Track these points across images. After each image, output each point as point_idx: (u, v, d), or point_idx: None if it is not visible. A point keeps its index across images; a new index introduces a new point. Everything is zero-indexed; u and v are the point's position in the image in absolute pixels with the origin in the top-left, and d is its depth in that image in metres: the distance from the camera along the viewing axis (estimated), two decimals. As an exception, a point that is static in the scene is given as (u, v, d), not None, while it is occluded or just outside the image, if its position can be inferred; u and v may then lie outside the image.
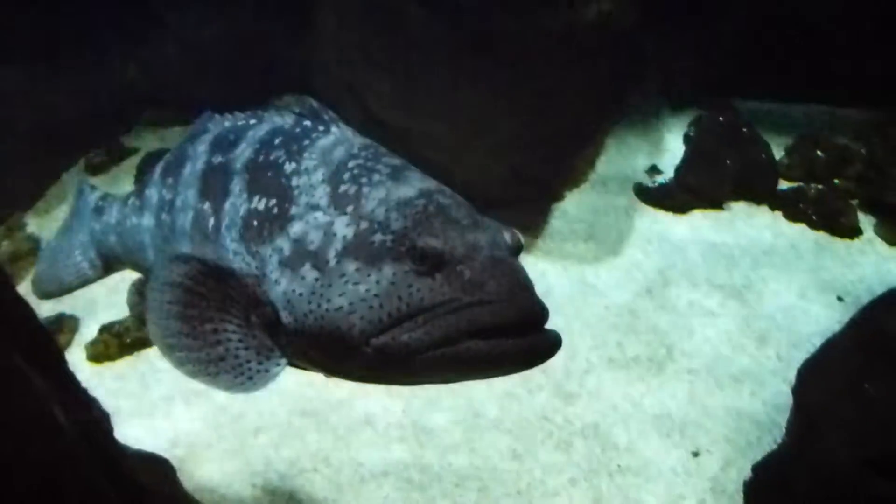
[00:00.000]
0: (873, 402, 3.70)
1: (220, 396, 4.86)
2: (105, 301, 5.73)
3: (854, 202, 6.18)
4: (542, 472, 4.42)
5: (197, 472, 4.37)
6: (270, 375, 2.11)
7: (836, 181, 6.39)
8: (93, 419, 2.32)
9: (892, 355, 3.76)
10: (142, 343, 5.31)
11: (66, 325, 5.53)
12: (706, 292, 5.57)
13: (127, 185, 6.97)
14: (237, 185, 2.32)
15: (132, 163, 7.28)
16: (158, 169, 2.81)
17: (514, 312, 1.88)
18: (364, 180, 2.10)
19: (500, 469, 4.43)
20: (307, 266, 2.03)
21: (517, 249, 2.03)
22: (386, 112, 5.95)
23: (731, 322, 5.30)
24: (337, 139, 2.28)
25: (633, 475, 4.39)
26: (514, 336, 1.87)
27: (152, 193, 2.76)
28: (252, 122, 2.53)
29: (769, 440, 4.48)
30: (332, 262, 2.00)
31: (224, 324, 2.11)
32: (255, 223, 2.21)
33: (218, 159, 2.46)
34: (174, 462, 4.27)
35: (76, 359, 5.26)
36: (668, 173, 6.77)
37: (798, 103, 7.22)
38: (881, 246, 5.87)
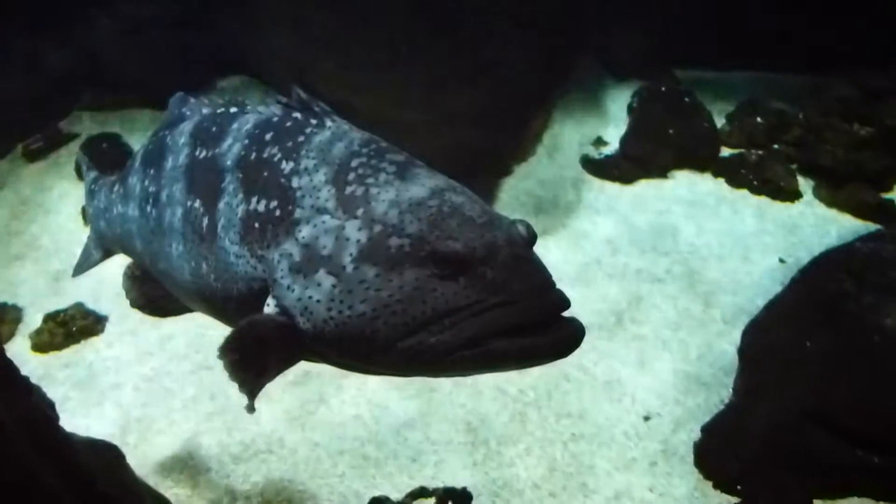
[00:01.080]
0: (813, 357, 3.82)
1: (169, 382, 4.81)
2: (48, 289, 5.62)
3: (793, 166, 6.32)
4: (498, 443, 4.46)
5: (150, 458, 4.31)
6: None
7: (775, 146, 6.52)
8: (34, 407, 2.26)
9: (831, 312, 3.89)
10: (88, 331, 5.21)
11: (9, 314, 5.40)
12: (653, 259, 5.65)
13: (67, 171, 6.80)
14: (230, 184, 2.26)
15: (72, 149, 7.08)
16: (138, 157, 2.73)
17: (540, 310, 1.92)
18: (371, 181, 2.06)
19: (456, 442, 4.47)
20: (322, 272, 2.01)
21: (532, 242, 2.04)
22: (330, 90, 5.88)
23: (677, 287, 5.40)
24: (334, 134, 2.20)
25: (586, 442, 4.46)
26: (541, 330, 1.90)
27: (134, 183, 2.69)
28: (233, 110, 2.45)
29: (717, 401, 4.59)
30: (350, 268, 1.98)
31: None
32: (257, 225, 2.17)
33: (203, 153, 2.39)
34: (126, 449, 4.21)
35: (20, 349, 5.14)
36: (613, 144, 6.83)
37: (737, 71, 7.34)
38: (819, 207, 6.03)
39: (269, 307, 2.14)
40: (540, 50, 6.29)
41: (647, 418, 4.57)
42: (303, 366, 5.26)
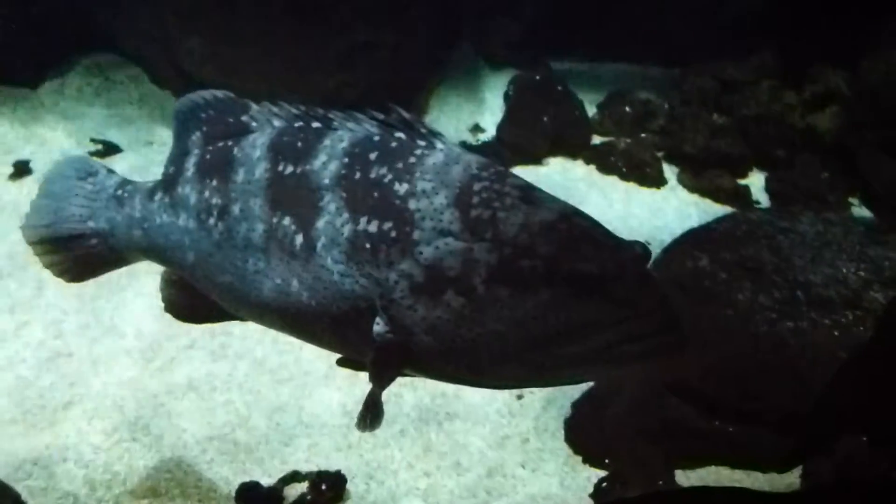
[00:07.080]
0: (673, 333, 4.00)
1: (24, 370, 4.53)
2: None
3: (659, 154, 6.63)
4: (373, 424, 4.44)
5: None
6: None
7: (642, 134, 6.82)
8: None
9: (689, 288, 4.08)
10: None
11: None
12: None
13: None
14: (331, 203, 2.26)
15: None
16: (191, 166, 2.64)
17: (665, 321, 2.05)
18: (497, 205, 2.12)
19: (330, 425, 4.42)
20: (450, 293, 2.09)
21: (648, 260, 2.16)
22: (199, 69, 5.71)
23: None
24: (447, 156, 2.22)
25: (460, 421, 4.50)
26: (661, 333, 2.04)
27: (188, 193, 2.60)
28: (315, 124, 2.40)
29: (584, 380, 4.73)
30: (481, 289, 2.06)
31: None
32: (368, 246, 2.20)
33: (289, 169, 2.36)
34: (-30, 444, 3.96)
35: None
36: (490, 131, 6.96)
37: (607, 63, 7.62)
38: (682, 192, 6.36)
39: (380, 325, 2.19)
40: (417, 35, 6.31)
41: (520, 396, 4.66)
42: (168, 352, 5.05)
